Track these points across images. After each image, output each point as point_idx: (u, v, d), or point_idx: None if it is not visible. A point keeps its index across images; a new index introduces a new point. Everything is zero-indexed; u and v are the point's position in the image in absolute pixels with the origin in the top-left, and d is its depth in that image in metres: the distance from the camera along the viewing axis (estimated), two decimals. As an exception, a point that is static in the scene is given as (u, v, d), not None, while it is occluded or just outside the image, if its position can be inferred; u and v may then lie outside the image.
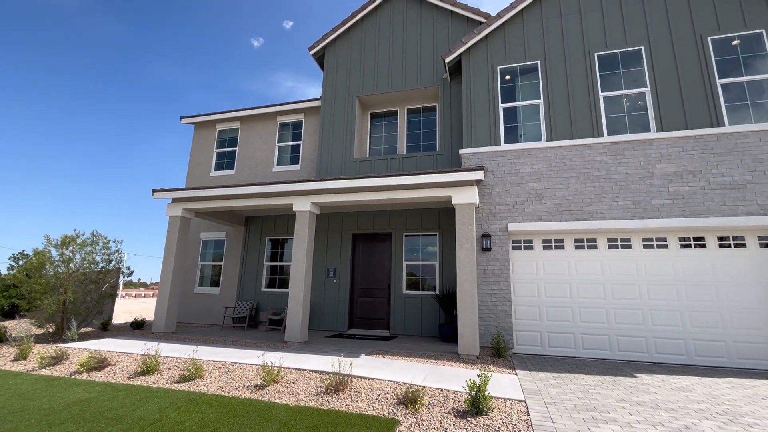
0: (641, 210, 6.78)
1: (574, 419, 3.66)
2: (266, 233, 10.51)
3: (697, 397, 4.46)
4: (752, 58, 6.86)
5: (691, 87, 6.96)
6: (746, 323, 6.23)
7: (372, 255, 9.59)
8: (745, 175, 6.42)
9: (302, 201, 7.63)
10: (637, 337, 6.65)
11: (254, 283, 10.27)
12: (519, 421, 3.61)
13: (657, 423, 3.58)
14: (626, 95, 7.41)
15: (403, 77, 9.81)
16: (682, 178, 6.69)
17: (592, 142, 7.24)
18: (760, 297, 6.25)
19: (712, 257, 6.59)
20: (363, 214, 9.62)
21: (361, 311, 9.43)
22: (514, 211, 7.38)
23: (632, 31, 7.52)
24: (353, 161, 9.71)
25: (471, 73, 8.32)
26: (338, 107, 10.23)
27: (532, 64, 8.01)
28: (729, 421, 3.66)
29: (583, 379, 5.23)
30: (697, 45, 7.09)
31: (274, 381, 4.51)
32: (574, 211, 7.08)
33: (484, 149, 7.81)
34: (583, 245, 7.21)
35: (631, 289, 6.82)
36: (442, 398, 4.14)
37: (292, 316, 7.23)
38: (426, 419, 3.61)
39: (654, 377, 5.39)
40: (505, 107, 8.00)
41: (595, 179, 7.10)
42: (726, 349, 6.25)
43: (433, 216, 9.03)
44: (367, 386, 4.45)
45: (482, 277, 7.25)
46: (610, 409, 3.96)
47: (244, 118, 11.80)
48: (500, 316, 7.03)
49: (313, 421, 3.48)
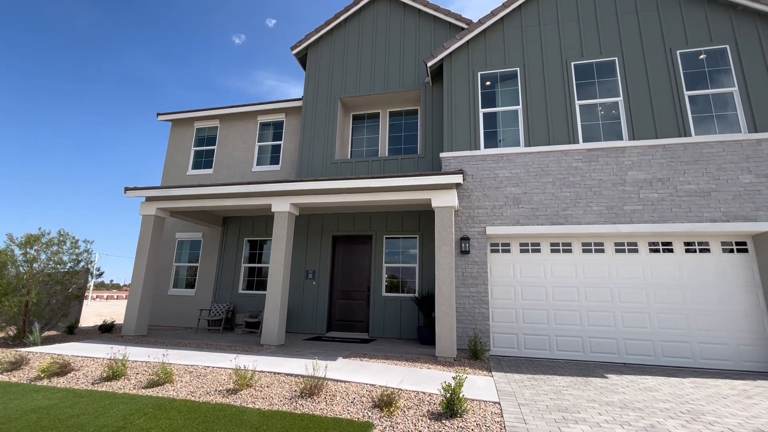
0: (614, 215, 6.99)
1: (546, 420, 3.72)
2: (244, 234, 10.31)
3: (663, 396, 4.61)
4: (717, 72, 7.20)
5: (661, 98, 7.24)
6: (710, 325, 6.50)
7: (352, 257, 9.54)
8: (710, 183, 6.71)
9: (281, 202, 7.52)
10: (609, 339, 6.84)
11: (231, 284, 10.04)
12: (492, 422, 3.64)
13: (624, 422, 3.68)
14: (601, 104, 7.64)
15: (385, 80, 9.84)
16: (651, 185, 6.94)
17: (568, 149, 7.43)
18: (722, 300, 6.54)
19: (679, 261, 6.85)
20: (343, 216, 9.57)
21: (340, 314, 9.35)
22: (493, 215, 7.48)
23: (606, 43, 7.77)
24: (334, 162, 9.65)
25: (452, 78, 8.41)
26: (320, 108, 10.16)
27: (512, 71, 8.17)
28: (692, 420, 3.79)
29: (557, 380, 5.33)
30: (667, 58, 7.39)
31: (247, 385, 4.41)
32: (550, 215, 7.24)
33: (465, 153, 7.90)
34: (559, 249, 7.38)
35: (604, 292, 7.02)
36: (418, 401, 4.14)
37: (268, 319, 7.10)
38: (401, 422, 3.59)
39: (623, 378, 5.55)
40: (485, 112, 8.13)
41: (570, 185, 7.29)
42: (691, 350, 6.50)
43: (414, 218, 9.06)
44: (342, 389, 4.40)
45: (461, 280, 7.31)
46: (580, 409, 4.05)
47: (223, 116, 11.57)
48: (478, 319, 7.10)
49: (286, 425, 3.42)
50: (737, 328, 6.40)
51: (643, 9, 7.73)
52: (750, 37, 7.10)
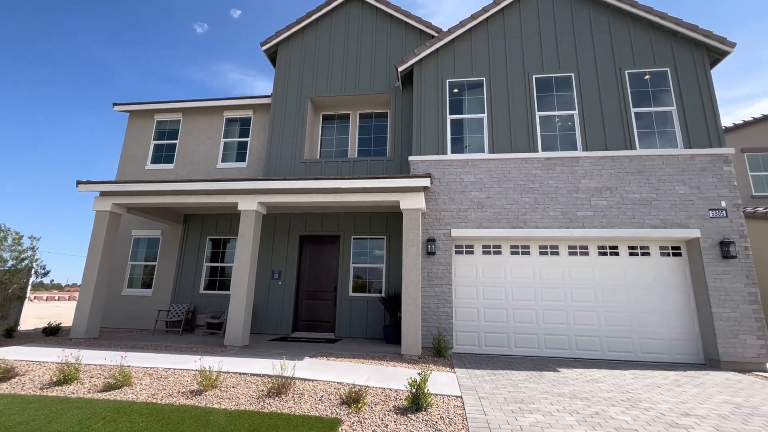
0: (568, 220, 7.50)
1: (504, 411, 3.98)
2: (207, 232, 10.00)
3: (607, 387, 5.04)
4: (659, 92, 7.92)
5: (611, 113, 7.87)
6: (648, 322, 7.15)
7: (319, 257, 9.53)
8: (651, 192, 7.38)
9: (248, 200, 7.40)
10: (561, 336, 7.32)
11: (192, 284, 9.70)
12: (455, 415, 3.84)
13: (573, 411, 4.01)
14: (558, 116, 8.17)
15: (356, 81, 9.93)
16: (601, 193, 7.52)
17: (528, 157, 7.88)
18: (660, 299, 7.21)
19: (624, 264, 7.48)
20: (311, 216, 9.54)
21: (306, 314, 9.31)
22: (458, 218, 7.78)
23: (565, 59, 8.33)
24: (303, 162, 9.60)
25: (422, 84, 8.65)
26: (289, 106, 10.07)
27: (478, 80, 8.53)
28: (631, 407, 4.20)
29: (514, 374, 5.66)
30: (617, 76, 8.04)
31: (212, 386, 4.34)
32: (511, 219, 7.65)
33: (432, 157, 8.16)
34: (518, 251, 7.80)
35: (558, 292, 7.51)
36: (385, 397, 4.27)
37: (232, 319, 6.97)
38: (368, 417, 3.70)
39: (573, 371, 5.99)
40: (453, 119, 8.43)
41: (530, 191, 7.73)
42: (632, 345, 7.11)
43: (382, 220, 9.21)
44: (310, 388, 4.45)
45: (426, 280, 7.54)
46: (534, 400, 4.35)
47: (187, 110, 11.14)
48: (442, 318, 7.36)
49: (254, 424, 3.42)
50: (671, 325, 7.09)
51: (596, 30, 8.35)
52: (687, 62, 7.88)
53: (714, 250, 6.92)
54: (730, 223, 7.00)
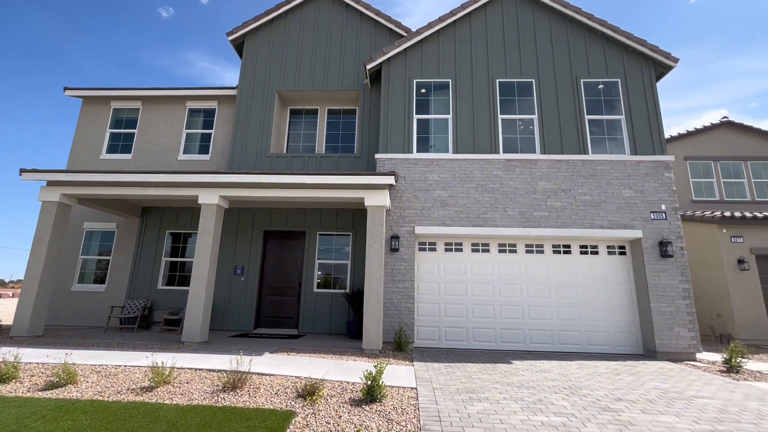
0: (525, 220, 7.86)
1: (455, 400, 4.16)
2: (167, 226, 9.66)
3: (553, 376, 5.37)
4: (611, 101, 8.44)
5: (567, 118, 8.30)
6: (595, 316, 7.63)
7: (284, 253, 9.46)
8: (601, 195, 7.87)
9: (209, 193, 7.23)
10: (517, 330, 7.68)
11: (149, 280, 9.35)
12: (408, 405, 3.98)
13: (519, 398, 4.26)
14: (519, 119, 8.52)
15: (325, 77, 9.89)
16: (556, 194, 7.93)
17: (490, 158, 8.17)
18: (606, 295, 7.71)
19: (575, 262, 7.93)
20: (276, 211, 9.44)
21: (269, 310, 9.22)
22: (422, 216, 7.96)
23: (526, 65, 8.69)
24: (269, 156, 9.46)
25: (390, 83, 8.75)
26: (256, 99, 9.88)
27: (445, 82, 8.74)
28: (571, 393, 4.51)
29: (469, 367, 5.90)
30: (573, 84, 8.49)
31: (164, 382, 4.25)
32: (473, 218, 7.91)
33: (398, 156, 8.28)
34: (479, 249, 8.09)
35: (515, 288, 7.86)
36: (341, 389, 4.35)
37: (191, 315, 6.80)
38: (323, 409, 3.77)
39: (525, 363, 6.32)
40: (419, 118, 8.60)
41: (491, 191, 8.03)
42: (580, 338, 7.58)
43: (348, 216, 9.25)
44: (267, 382, 4.45)
45: (389, 276, 7.67)
46: (485, 390, 4.57)
47: (147, 98, 10.67)
48: (404, 313, 7.52)
49: (206, 418, 3.40)
50: (615, 319, 7.61)
51: (556, 40, 8.77)
52: (636, 74, 8.44)
53: (654, 250, 7.48)
54: (669, 225, 7.59)
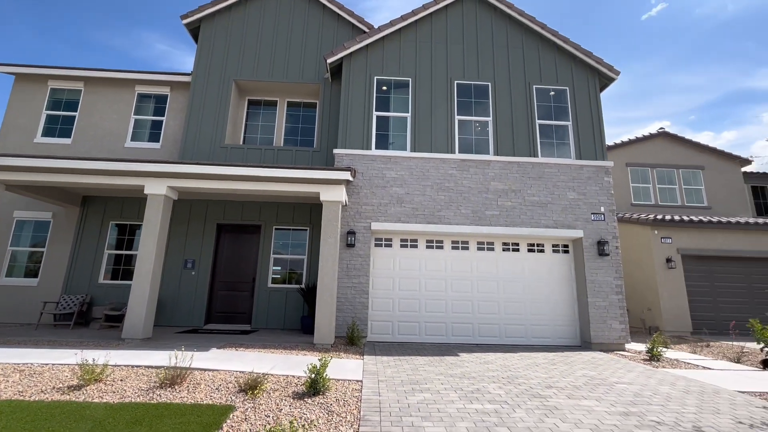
0: (477, 218, 8.16)
1: (398, 391, 4.29)
2: (111, 217, 9.10)
3: (495, 367, 5.65)
4: (560, 107, 8.92)
5: (520, 122, 8.69)
6: (539, 310, 8.09)
7: (238, 247, 9.22)
8: (548, 196, 8.32)
9: (157, 184, 6.90)
10: (467, 324, 7.98)
11: (90, 273, 8.78)
12: (351, 396, 4.05)
13: (459, 388, 4.46)
14: (475, 121, 8.81)
15: (285, 69, 9.70)
16: (507, 194, 8.29)
17: (446, 157, 8.39)
18: (549, 290, 8.18)
19: (523, 259, 8.35)
20: (231, 204, 9.17)
21: (221, 305, 8.96)
22: (378, 212, 8.05)
23: (483, 69, 8.98)
24: (224, 147, 9.16)
25: (350, 78, 8.74)
26: (212, 87, 9.52)
27: (405, 80, 8.85)
28: (508, 382, 4.78)
29: (418, 360, 6.07)
30: (526, 90, 8.89)
31: (95, 380, 4.05)
32: (428, 215, 8.10)
33: (357, 152, 8.31)
34: (433, 245, 8.31)
35: (466, 284, 8.15)
36: (286, 383, 4.34)
37: (133, 311, 6.48)
38: (264, 403, 3.75)
39: (472, 355, 6.59)
40: (379, 115, 8.66)
41: (446, 189, 8.25)
42: (525, 331, 8.00)
43: (305, 211, 9.17)
44: (209, 378, 4.36)
45: (344, 272, 7.70)
46: (429, 381, 4.74)
47: (90, 79, 9.97)
48: (358, 308, 7.59)
49: (137, 416, 3.29)
50: (557, 313, 8.10)
51: (512, 46, 9.13)
52: (582, 83, 8.98)
53: (593, 249, 8.03)
54: (606, 225, 8.18)
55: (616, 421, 3.65)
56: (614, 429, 3.48)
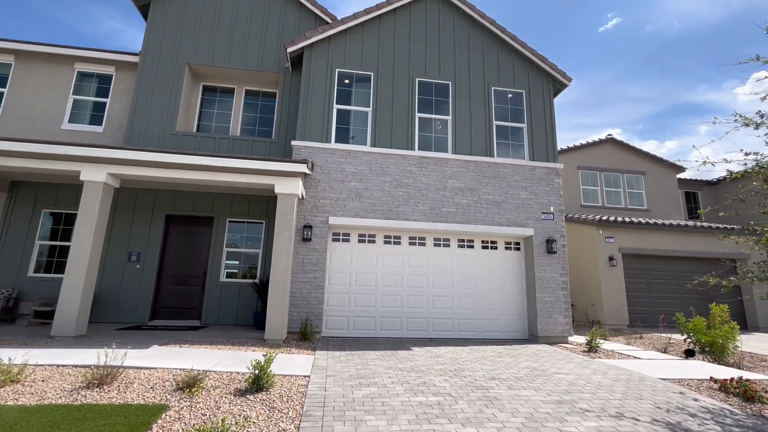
0: (434, 215, 8.28)
1: (345, 386, 4.27)
2: (43, 204, 8.37)
3: (444, 361, 5.78)
4: (516, 110, 9.23)
5: (478, 122, 8.90)
6: (491, 305, 8.37)
7: (189, 239, 8.80)
8: (502, 195, 8.60)
9: (95, 170, 6.41)
10: (422, 318, 8.11)
11: (17, 266, 8.04)
12: (296, 392, 3.99)
13: (406, 382, 4.52)
14: (435, 119, 8.92)
15: (243, 56, 9.32)
16: (463, 192, 8.49)
17: (406, 154, 8.44)
18: (501, 286, 8.49)
19: (477, 255, 8.59)
20: (181, 194, 8.72)
21: (169, 300, 8.53)
22: (336, 206, 7.97)
23: (445, 68, 9.10)
24: (175, 134, 8.68)
25: (311, 69, 8.55)
26: (163, 70, 8.96)
27: (367, 75, 8.79)
28: (454, 375, 4.90)
29: (370, 354, 6.09)
30: (485, 91, 9.12)
31: (12, 381, 3.70)
32: (386, 211, 8.13)
33: (316, 144, 8.16)
34: (390, 241, 8.35)
35: (422, 279, 8.27)
36: (229, 380, 4.20)
37: (65, 306, 6.00)
38: (201, 401, 3.61)
39: (424, 349, 6.70)
40: (339, 108, 8.55)
41: (404, 185, 8.31)
42: (477, 325, 8.26)
43: (262, 203, 8.90)
44: (144, 376, 4.13)
45: (300, 266, 7.56)
46: (377, 375, 4.76)
47: (23, 53, 9.07)
48: (313, 303, 7.49)
49: (56, 419, 3.04)
50: (508, 307, 8.42)
51: (473, 47, 9.32)
52: (537, 88, 9.34)
53: (542, 246, 8.41)
54: (555, 224, 8.59)
55: (550, 409, 3.84)
56: (547, 417, 3.67)
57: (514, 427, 3.41)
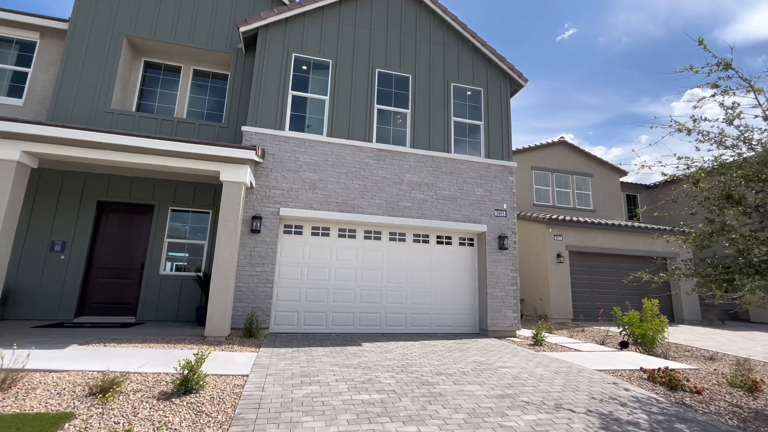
0: (391, 209, 8.17)
1: (284, 385, 4.04)
2: (-54, 185, 7.29)
3: (394, 356, 5.69)
4: (474, 107, 9.31)
5: (437, 117, 8.88)
6: (444, 300, 8.42)
7: (125, 228, 8.08)
8: (458, 191, 8.66)
9: (6, 146, 5.62)
10: (374, 314, 7.99)
11: None
12: (230, 394, 3.70)
13: (350, 379, 4.36)
14: (394, 112, 8.78)
15: (191, 32, 8.64)
16: (420, 187, 8.44)
17: (363, 145, 8.24)
18: (455, 281, 8.56)
19: (432, 250, 8.60)
20: (117, 179, 7.96)
21: (100, 295, 7.79)
22: (289, 197, 7.62)
23: (405, 61, 8.98)
24: (110, 112, 7.89)
25: (266, 52, 8.09)
26: (96, 40, 8.10)
27: (325, 62, 8.46)
28: (402, 371, 4.81)
29: (318, 350, 5.87)
30: (445, 87, 9.10)
31: None
32: (341, 203, 7.90)
33: (269, 131, 7.74)
34: (345, 234, 8.14)
35: (376, 273, 8.14)
36: (155, 382, 3.83)
37: (-35, 301, 5.25)
38: (117, 407, 3.23)
39: (375, 345, 6.58)
40: (295, 95, 8.17)
41: (361, 178, 8.11)
42: (430, 320, 8.28)
43: (208, 192, 8.35)
44: (53, 381, 3.65)
45: (248, 259, 7.17)
46: (321, 373, 4.57)
47: None
48: (261, 297, 7.12)
49: (-75, 434, 2.57)
50: (460, 302, 8.52)
51: (434, 42, 9.26)
52: (495, 86, 9.48)
53: (494, 243, 8.57)
54: (507, 221, 8.78)
55: (492, 404, 3.85)
56: (489, 411, 3.66)
57: (456, 423, 3.36)
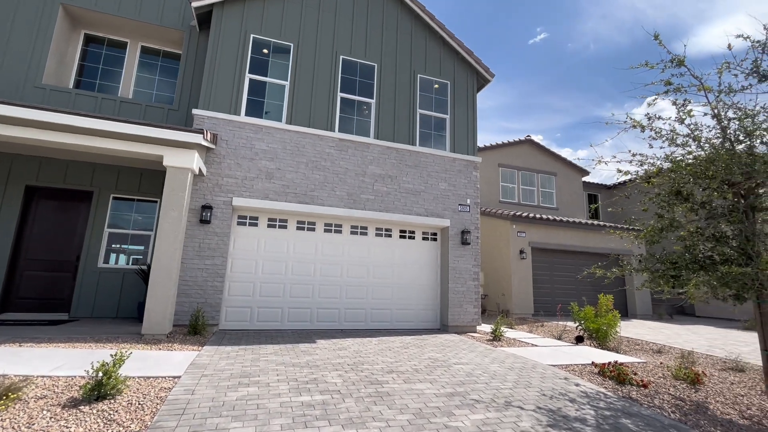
0: (353, 201, 7.90)
1: (219, 387, 3.71)
2: None
3: (347, 354, 5.45)
4: (440, 100, 9.15)
5: (402, 109, 8.66)
6: (405, 295, 8.26)
7: (59, 217, 7.37)
8: (422, 185, 8.50)
9: None
10: (333, 309, 7.71)
11: None
12: (153, 399, 3.33)
13: (294, 379, 4.08)
14: (358, 101, 8.49)
15: (139, 3, 7.97)
16: (384, 180, 8.21)
17: (324, 135, 7.90)
18: (417, 276, 8.42)
19: (394, 245, 8.41)
20: (50, 162, 7.24)
21: (28, 289, 7.08)
22: (243, 187, 7.19)
23: (371, 49, 8.69)
24: (40, 87, 7.13)
25: (221, 31, 7.57)
26: (26, 8, 7.29)
27: (286, 45, 8.04)
28: (351, 369, 4.58)
29: (267, 348, 5.54)
30: (411, 78, 8.89)
31: None
32: (300, 194, 7.54)
33: (222, 116, 7.26)
34: (304, 227, 7.79)
35: (335, 268, 7.86)
36: (65, 387, 3.40)
37: None
38: (9, 418, 2.80)
39: (330, 341, 6.32)
40: (252, 78, 7.70)
41: (321, 168, 7.78)
42: (391, 315, 8.10)
43: (156, 178, 7.76)
44: (-63, 388, 3.14)
45: (196, 251, 6.69)
46: (264, 373, 4.25)
47: None
48: (209, 293, 6.68)
49: None
50: (422, 297, 8.39)
51: (401, 31, 9.03)
52: (462, 80, 9.37)
53: (457, 237, 8.49)
54: (471, 217, 8.72)
55: (441, 403, 3.69)
56: (436, 411, 3.49)
57: (399, 426, 3.17)
